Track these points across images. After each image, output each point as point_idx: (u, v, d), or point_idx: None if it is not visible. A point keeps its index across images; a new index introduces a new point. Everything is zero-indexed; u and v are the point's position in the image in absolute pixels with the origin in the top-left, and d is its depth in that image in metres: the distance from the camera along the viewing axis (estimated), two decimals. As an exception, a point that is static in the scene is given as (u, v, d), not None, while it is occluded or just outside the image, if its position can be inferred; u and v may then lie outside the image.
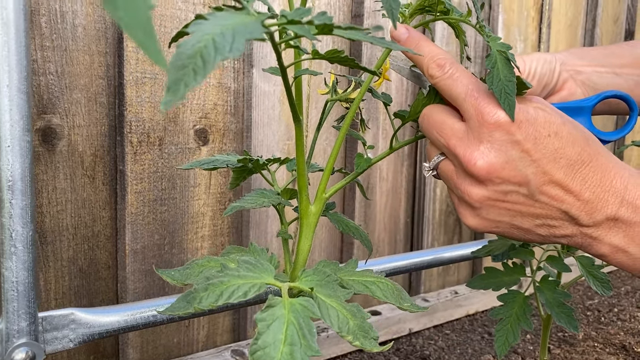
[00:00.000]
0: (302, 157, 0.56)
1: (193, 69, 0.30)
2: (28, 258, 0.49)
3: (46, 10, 0.86)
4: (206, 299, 0.40)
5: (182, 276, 0.50)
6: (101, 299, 0.98)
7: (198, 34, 0.32)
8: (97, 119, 0.93)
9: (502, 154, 0.44)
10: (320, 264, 0.56)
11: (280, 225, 0.68)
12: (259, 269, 0.43)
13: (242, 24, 0.34)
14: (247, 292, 0.41)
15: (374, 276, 0.56)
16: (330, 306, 0.44)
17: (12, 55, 0.45)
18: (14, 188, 0.48)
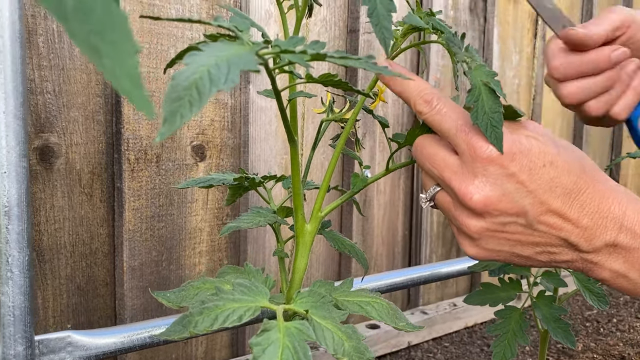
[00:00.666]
0: (297, 177, 0.56)
1: (189, 100, 0.30)
2: (24, 283, 0.49)
3: (43, 30, 0.87)
4: (201, 323, 0.40)
5: (177, 298, 0.50)
6: (99, 316, 0.98)
7: (193, 66, 0.32)
8: (94, 137, 0.94)
9: (497, 187, 0.44)
10: (315, 284, 0.56)
11: (277, 244, 0.69)
12: (254, 292, 0.44)
13: (237, 55, 0.34)
14: (242, 316, 0.41)
15: (369, 296, 0.56)
16: (325, 328, 0.44)
17: (9, 82, 0.45)
18: (10, 214, 0.48)
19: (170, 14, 0.98)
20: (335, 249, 0.70)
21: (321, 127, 0.67)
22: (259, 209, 0.70)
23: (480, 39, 1.56)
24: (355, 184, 0.62)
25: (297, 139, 0.56)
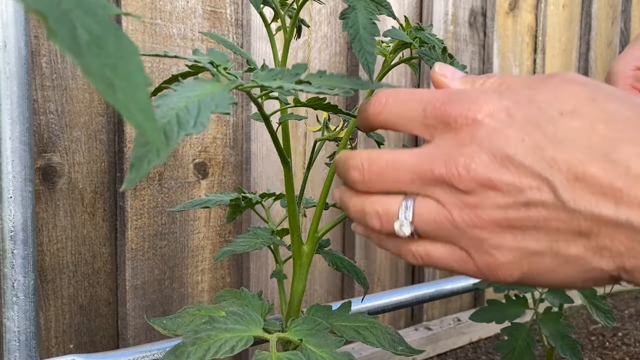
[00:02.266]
0: (292, 198, 0.56)
1: (156, 146, 0.29)
2: (30, 307, 0.49)
3: (46, 50, 0.87)
4: (194, 354, 0.40)
5: (173, 325, 0.50)
6: (101, 336, 0.97)
7: (163, 109, 0.32)
8: (97, 156, 0.94)
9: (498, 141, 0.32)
10: (311, 309, 0.56)
11: (275, 265, 0.68)
12: (247, 320, 0.43)
13: (210, 94, 0.33)
14: (234, 347, 0.41)
15: (367, 320, 0.55)
16: (320, 357, 0.43)
17: (15, 108, 0.45)
18: (16, 238, 0.48)
19: (172, 33, 0.99)
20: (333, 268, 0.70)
21: (315, 147, 0.67)
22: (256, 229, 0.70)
23: (480, 53, 1.56)
24: None
25: (290, 161, 0.56)
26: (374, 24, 0.42)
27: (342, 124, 0.65)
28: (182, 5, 1.00)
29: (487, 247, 0.33)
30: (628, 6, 2.07)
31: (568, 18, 1.85)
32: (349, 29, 0.42)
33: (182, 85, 0.35)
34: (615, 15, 2.02)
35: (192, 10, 1.01)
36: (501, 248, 0.33)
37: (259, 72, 0.41)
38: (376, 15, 0.43)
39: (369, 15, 0.42)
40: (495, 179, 0.32)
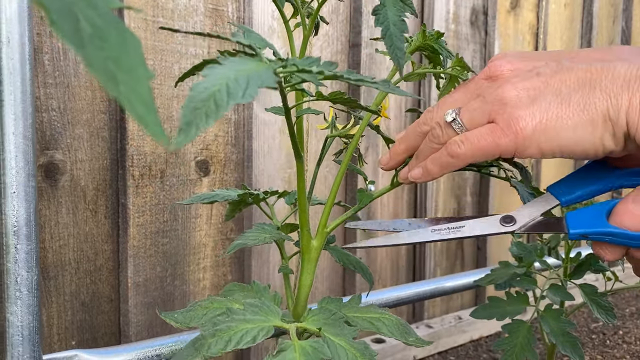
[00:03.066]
0: (303, 193, 0.56)
1: (205, 112, 0.30)
2: (33, 302, 0.49)
3: (49, 48, 0.88)
4: (215, 345, 0.40)
5: (185, 318, 0.50)
6: (103, 333, 0.97)
7: (212, 78, 0.32)
8: (99, 154, 0.94)
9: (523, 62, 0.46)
10: (324, 301, 0.56)
11: (281, 260, 0.69)
12: (265, 311, 0.44)
13: (256, 71, 0.34)
14: (256, 337, 0.41)
15: (379, 312, 0.56)
16: (339, 345, 0.44)
17: (18, 103, 0.45)
18: (19, 233, 0.48)
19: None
20: (340, 264, 0.70)
21: (326, 143, 0.67)
22: (262, 225, 0.70)
23: (481, 52, 1.56)
24: (361, 199, 0.62)
25: (303, 155, 0.56)
26: (403, 21, 0.43)
27: (352, 121, 0.66)
28: (184, 3, 1.00)
29: (508, 108, 0.44)
30: (629, 5, 2.06)
31: (569, 16, 1.84)
32: (380, 24, 0.43)
33: (229, 59, 0.36)
34: (617, 14, 2.02)
35: (194, 8, 1.02)
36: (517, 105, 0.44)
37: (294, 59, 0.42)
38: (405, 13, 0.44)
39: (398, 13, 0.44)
40: (515, 64, 0.46)
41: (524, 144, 0.44)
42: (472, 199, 1.58)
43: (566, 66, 0.44)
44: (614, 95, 0.41)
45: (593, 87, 0.42)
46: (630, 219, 0.43)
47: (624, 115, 0.41)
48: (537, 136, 0.43)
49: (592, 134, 0.42)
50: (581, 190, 0.46)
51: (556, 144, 0.43)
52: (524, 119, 0.43)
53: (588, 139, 0.42)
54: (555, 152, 0.44)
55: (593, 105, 0.42)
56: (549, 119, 0.43)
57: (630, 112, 0.41)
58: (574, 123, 0.42)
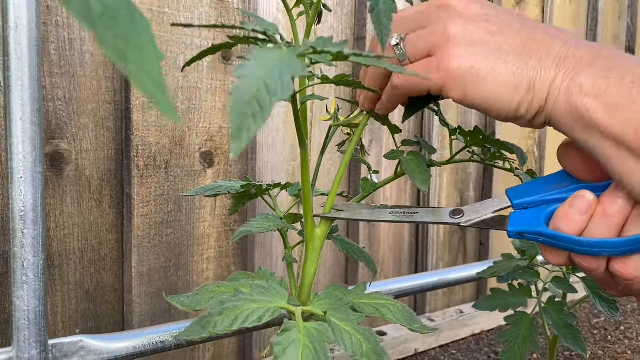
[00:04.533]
0: (307, 182, 0.57)
1: (252, 114, 0.31)
2: (39, 287, 0.50)
3: (55, 37, 0.88)
4: (221, 323, 0.41)
5: (192, 302, 0.50)
6: (107, 322, 0.98)
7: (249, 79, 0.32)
8: (104, 144, 0.95)
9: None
10: (330, 287, 0.57)
11: (285, 249, 0.69)
12: (272, 293, 0.44)
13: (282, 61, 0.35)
14: (262, 317, 0.42)
15: (384, 298, 0.56)
16: (344, 330, 0.45)
17: (26, 89, 0.46)
18: (26, 218, 0.48)
19: (180, 22, 0.99)
20: (344, 254, 0.70)
21: (329, 132, 0.67)
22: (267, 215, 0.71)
23: (486, 46, 1.56)
24: (365, 188, 0.62)
25: (307, 143, 0.56)
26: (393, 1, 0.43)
27: (357, 111, 0.66)
28: (189, -6, 1.00)
29: (449, 45, 0.45)
30: (635, 1, 2.06)
31: (575, 12, 1.84)
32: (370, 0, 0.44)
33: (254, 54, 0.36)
34: (622, 10, 2.01)
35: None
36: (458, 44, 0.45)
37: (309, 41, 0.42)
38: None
39: None
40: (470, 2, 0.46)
41: (452, 83, 0.45)
42: (475, 194, 1.59)
43: (515, 27, 0.45)
44: (544, 68, 0.43)
45: (530, 55, 0.44)
46: (565, 222, 0.44)
47: (546, 89, 0.43)
48: (466, 80, 0.45)
49: (513, 96, 0.44)
50: (535, 196, 0.48)
51: (479, 94, 0.44)
52: (459, 59, 0.45)
53: (507, 99, 0.44)
54: (475, 102, 0.45)
55: (525, 71, 0.43)
56: (482, 69, 0.44)
57: (552, 88, 0.43)
58: (502, 81, 0.44)
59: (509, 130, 1.62)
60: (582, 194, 0.44)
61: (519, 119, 0.45)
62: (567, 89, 0.42)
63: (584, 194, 0.44)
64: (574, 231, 0.44)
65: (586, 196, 0.44)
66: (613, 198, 0.43)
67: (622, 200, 0.43)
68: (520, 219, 0.47)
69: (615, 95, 0.40)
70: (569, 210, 0.44)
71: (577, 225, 0.44)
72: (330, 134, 0.65)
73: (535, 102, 0.44)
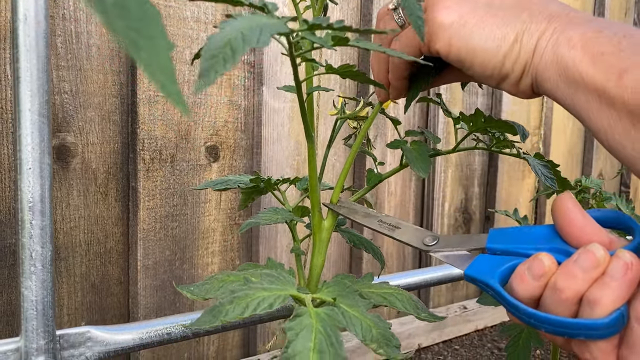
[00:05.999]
0: (314, 174, 0.57)
1: (223, 57, 0.31)
2: (47, 277, 0.50)
3: (62, 31, 0.88)
4: (232, 311, 0.41)
5: (201, 291, 0.51)
6: (113, 315, 0.99)
7: (228, 29, 0.34)
8: (110, 137, 0.95)
9: None
10: (338, 276, 0.57)
11: (293, 242, 0.69)
12: (282, 282, 0.44)
13: (269, 22, 0.35)
14: (273, 304, 0.42)
15: (392, 288, 0.56)
16: (353, 316, 0.45)
17: (35, 80, 0.46)
18: (34, 209, 0.49)
19: (186, 16, 1.00)
20: (348, 249, 0.70)
21: (336, 125, 0.67)
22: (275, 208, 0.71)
23: (491, 42, 1.56)
24: (370, 179, 0.62)
25: (314, 135, 0.56)
26: None
27: (362, 103, 0.66)
28: (195, -12, 1.00)
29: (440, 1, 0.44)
30: (642, -3, 2.05)
31: (581, 8, 1.83)
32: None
33: (242, 16, 0.37)
34: (629, 5, 2.00)
35: (205, -6, 1.02)
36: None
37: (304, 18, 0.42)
38: None
39: None
40: None
41: (438, 34, 0.44)
42: (479, 190, 1.59)
43: None
44: (535, 22, 0.42)
45: (522, 11, 0.43)
46: (518, 282, 0.39)
47: (534, 41, 0.42)
48: (452, 30, 0.44)
49: (499, 47, 0.42)
50: (513, 244, 0.43)
51: (464, 44, 0.43)
52: (447, 11, 0.44)
53: (492, 50, 0.43)
54: (461, 54, 0.43)
55: (513, 23, 0.42)
56: (468, 21, 0.43)
57: (540, 40, 0.41)
58: (489, 32, 0.43)
59: (514, 126, 1.62)
60: (541, 257, 0.39)
61: (505, 79, 0.44)
62: (556, 40, 0.40)
63: (542, 257, 0.39)
64: (524, 296, 0.39)
65: (543, 260, 0.39)
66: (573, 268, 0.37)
67: None
68: (481, 264, 0.43)
69: (603, 46, 0.38)
70: (525, 271, 0.39)
71: (528, 291, 0.39)
72: (337, 127, 0.66)
73: (522, 55, 0.42)
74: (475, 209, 1.58)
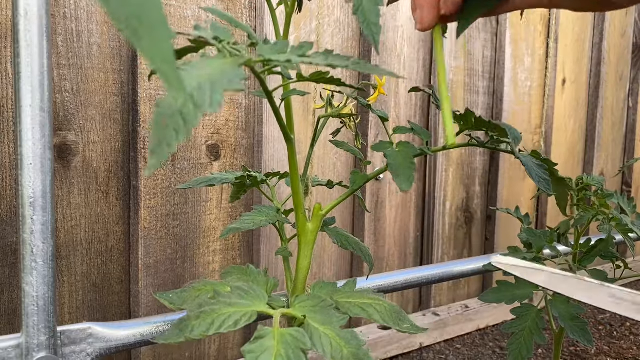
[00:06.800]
0: (296, 175, 0.56)
1: (174, 128, 0.29)
2: (48, 273, 0.50)
3: (63, 29, 0.88)
4: (198, 327, 0.40)
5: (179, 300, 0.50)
6: (114, 313, 0.98)
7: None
8: (111, 136, 0.95)
9: None
10: (316, 286, 0.56)
11: (280, 243, 0.69)
12: (251, 296, 0.44)
13: (220, 71, 0.33)
14: (238, 322, 0.41)
15: (372, 297, 0.55)
16: (323, 334, 0.43)
17: (35, 75, 0.46)
18: (35, 205, 0.49)
19: (187, 15, 1.00)
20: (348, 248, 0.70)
21: (319, 124, 0.67)
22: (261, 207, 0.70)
23: (492, 41, 1.56)
24: (355, 181, 0.61)
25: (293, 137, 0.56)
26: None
27: (345, 100, 0.65)
28: (196, -13, 1.01)
29: None
30: (643, -4, 2.05)
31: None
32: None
33: (191, 64, 0.35)
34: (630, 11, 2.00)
35: (206, -8, 1.02)
36: None
37: (264, 46, 0.41)
38: None
39: None
40: None
41: None
42: (481, 189, 1.58)
43: None
44: None
45: None
46: None
47: None
48: None
49: None
50: None
51: None
52: None
53: None
54: None
55: None
56: None
57: None
58: None
59: (515, 124, 1.62)
60: None
61: None
62: None
63: None
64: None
65: None
66: None
67: None
68: None
69: None
70: None
71: None
72: (319, 126, 0.65)
73: None
74: (476, 208, 1.58)
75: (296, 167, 0.56)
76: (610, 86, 1.97)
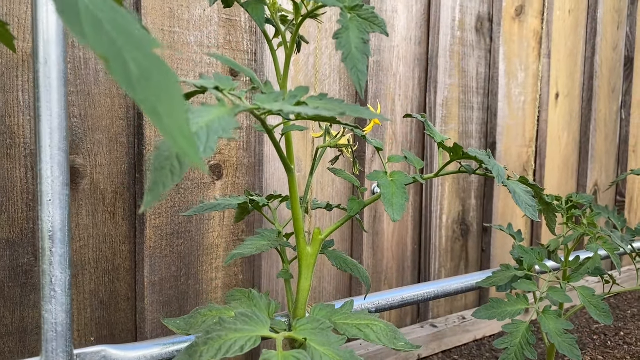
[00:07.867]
0: (296, 202, 0.60)
1: (170, 170, 0.32)
2: (66, 301, 0.53)
3: (71, 57, 0.92)
4: (206, 353, 0.44)
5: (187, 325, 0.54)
6: (121, 330, 1.02)
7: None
8: (117, 158, 0.98)
9: None
10: (315, 309, 0.60)
11: (282, 264, 0.72)
12: (255, 321, 0.47)
13: (217, 119, 0.37)
14: (244, 347, 0.45)
15: (368, 318, 0.59)
16: (323, 354, 0.47)
17: (55, 118, 0.50)
18: (54, 238, 0.52)
19: (190, 41, 1.03)
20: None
21: (317, 154, 0.71)
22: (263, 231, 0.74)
23: (486, 58, 1.60)
24: (352, 207, 0.65)
25: (293, 168, 0.60)
26: (366, 43, 0.45)
27: (342, 131, 0.69)
28: (199, 14, 1.04)
29: None
30: (634, 10, 2.09)
31: (574, 23, 1.87)
32: (342, 48, 0.45)
33: (191, 110, 0.39)
34: (621, 19, 2.05)
35: (209, 19, 1.06)
36: None
37: (260, 95, 0.45)
38: (368, 35, 0.46)
39: (361, 35, 0.46)
40: None
41: None
42: (476, 202, 1.62)
43: None
44: None
45: None
46: None
47: None
48: None
49: None
50: None
51: None
52: None
53: None
54: None
55: None
56: None
57: None
58: None
59: (509, 138, 1.65)
60: None
61: None
62: None
63: None
64: None
65: None
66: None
67: None
68: None
69: None
70: None
71: None
72: (318, 155, 0.69)
73: None
74: (472, 221, 1.62)
75: (297, 195, 0.59)
76: (603, 99, 2.01)
